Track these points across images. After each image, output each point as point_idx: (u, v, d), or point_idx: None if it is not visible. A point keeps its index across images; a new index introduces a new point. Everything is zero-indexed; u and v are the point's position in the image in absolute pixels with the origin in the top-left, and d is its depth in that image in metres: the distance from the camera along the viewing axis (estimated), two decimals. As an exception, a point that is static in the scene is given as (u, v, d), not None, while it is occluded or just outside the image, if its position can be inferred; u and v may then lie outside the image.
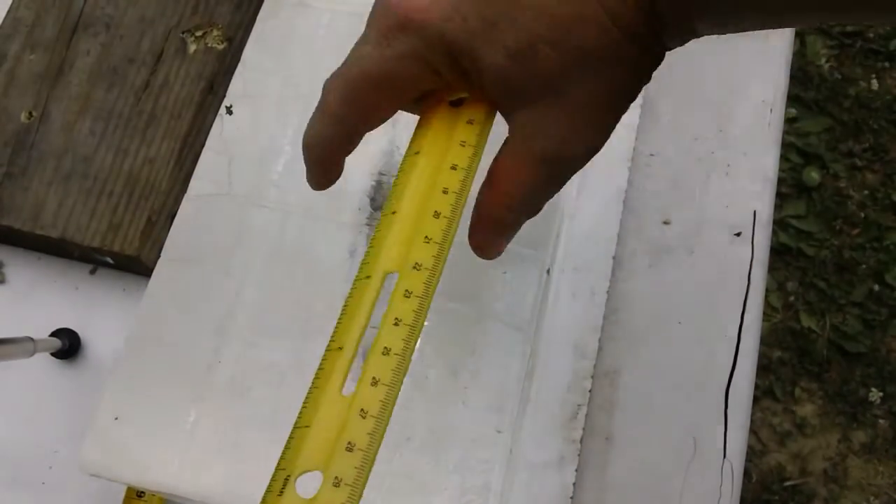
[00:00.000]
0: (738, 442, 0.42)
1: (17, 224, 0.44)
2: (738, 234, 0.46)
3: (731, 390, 0.43)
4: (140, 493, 0.41)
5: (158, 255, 0.44)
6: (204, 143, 0.46)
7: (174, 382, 0.41)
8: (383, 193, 0.44)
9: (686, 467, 0.41)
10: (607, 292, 0.42)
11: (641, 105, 0.46)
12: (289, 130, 0.46)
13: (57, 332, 0.45)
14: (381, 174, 0.44)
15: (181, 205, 0.45)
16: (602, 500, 0.41)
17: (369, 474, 0.24)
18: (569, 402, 0.40)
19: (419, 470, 0.39)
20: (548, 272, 0.42)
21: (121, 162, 0.46)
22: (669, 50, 0.26)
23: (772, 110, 0.48)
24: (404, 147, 0.44)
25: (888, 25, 1.24)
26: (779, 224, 1.29)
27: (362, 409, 0.24)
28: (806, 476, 1.18)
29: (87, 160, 0.46)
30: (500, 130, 0.28)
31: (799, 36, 1.38)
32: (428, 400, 0.40)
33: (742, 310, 0.44)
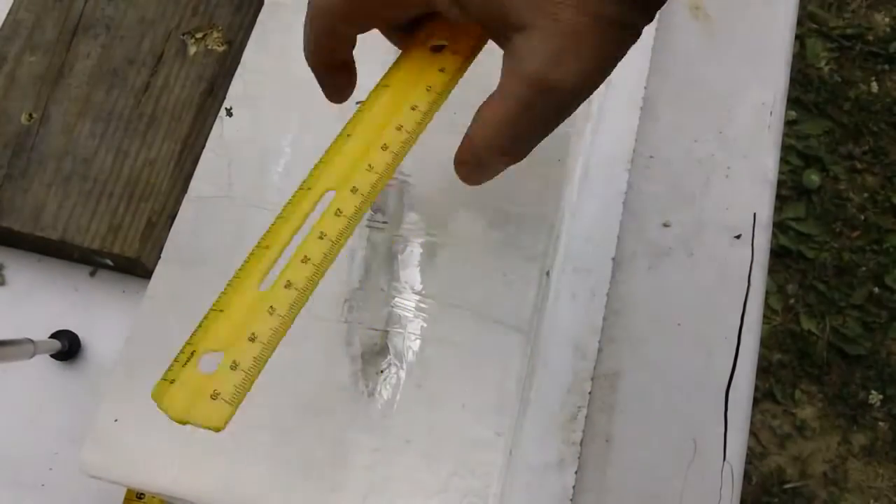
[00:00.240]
0: (738, 444, 0.42)
1: (17, 226, 0.45)
2: (738, 237, 0.46)
3: (731, 392, 0.43)
4: (140, 495, 0.41)
5: (158, 256, 0.44)
6: (204, 144, 0.46)
7: (174, 384, 0.41)
8: (383, 196, 0.44)
9: (686, 469, 0.41)
10: (607, 294, 0.42)
11: (641, 107, 0.46)
12: (289, 132, 0.46)
13: (57, 334, 0.45)
14: (381, 176, 0.44)
15: (181, 206, 0.45)
16: (602, 501, 0.41)
17: (264, 365, 0.26)
18: (569, 404, 0.40)
19: (419, 472, 0.39)
20: (547, 274, 0.42)
21: (121, 164, 0.46)
22: None
23: (772, 112, 0.48)
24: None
25: None
26: (779, 226, 1.29)
27: (272, 307, 0.27)
28: (806, 478, 1.18)
29: (87, 162, 0.46)
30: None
31: (799, 38, 1.38)
32: (427, 402, 0.40)
33: (742, 312, 0.44)
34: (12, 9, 0.49)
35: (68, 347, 0.45)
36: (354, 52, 0.31)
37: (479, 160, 0.29)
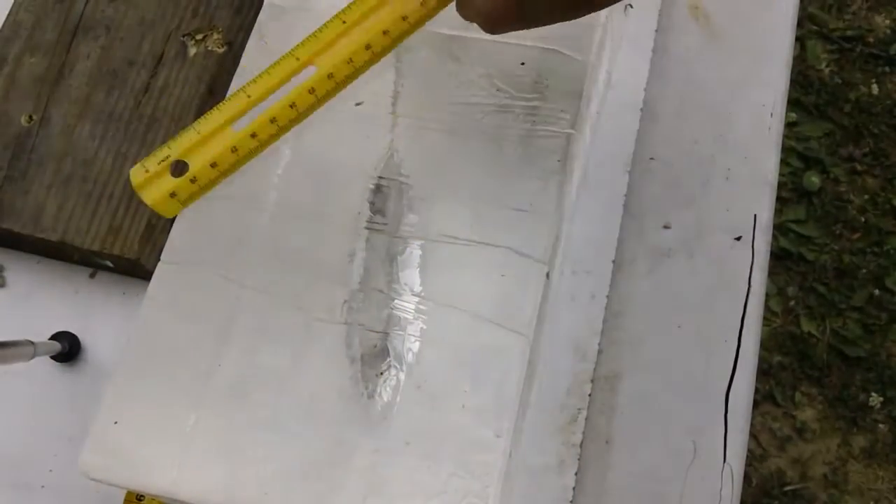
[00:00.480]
0: (739, 446, 0.42)
1: (17, 227, 0.45)
2: (739, 239, 0.46)
3: (731, 394, 0.43)
4: (140, 497, 0.41)
5: (158, 258, 0.44)
6: (204, 146, 0.46)
7: (174, 386, 0.41)
8: (382, 197, 0.44)
9: (686, 471, 0.41)
10: (607, 296, 0.42)
11: (641, 108, 0.46)
12: (288, 134, 0.46)
13: (57, 336, 0.45)
14: (381, 178, 0.44)
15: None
16: (602, 503, 0.41)
17: (215, 186, 0.34)
18: (568, 406, 0.40)
19: (418, 473, 0.39)
20: (547, 276, 0.42)
21: (121, 165, 0.46)
22: None
23: (772, 114, 0.48)
24: (403, 150, 0.44)
25: None
26: (779, 228, 1.29)
27: (235, 147, 0.33)
28: (806, 481, 1.18)
29: (87, 163, 0.46)
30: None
31: (799, 40, 1.38)
32: (427, 403, 0.40)
33: (742, 314, 0.44)
34: (12, 10, 0.49)
35: (68, 349, 0.45)
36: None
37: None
